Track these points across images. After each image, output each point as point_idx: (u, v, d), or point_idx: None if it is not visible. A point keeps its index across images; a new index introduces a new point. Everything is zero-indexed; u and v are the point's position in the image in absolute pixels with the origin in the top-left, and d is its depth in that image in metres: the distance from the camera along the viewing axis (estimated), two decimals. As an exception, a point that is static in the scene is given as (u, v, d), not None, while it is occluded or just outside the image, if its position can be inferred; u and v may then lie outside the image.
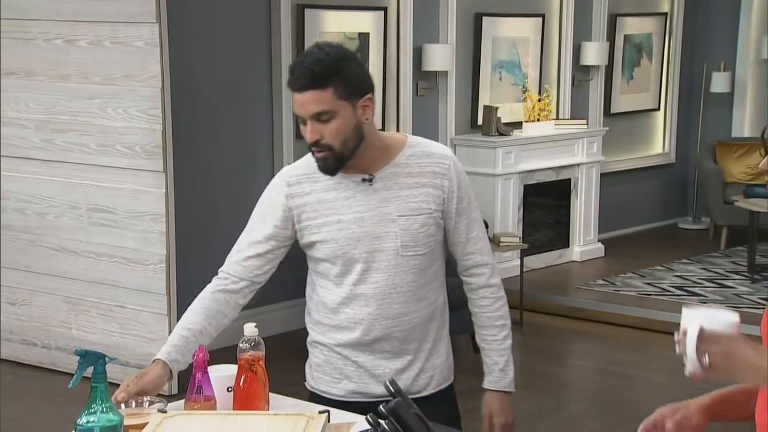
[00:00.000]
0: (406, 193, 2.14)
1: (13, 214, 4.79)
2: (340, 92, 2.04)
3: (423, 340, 2.24)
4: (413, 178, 2.15)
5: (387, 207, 2.14)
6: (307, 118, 2.06)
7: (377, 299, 2.16)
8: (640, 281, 6.42)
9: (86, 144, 4.50)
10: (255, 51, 5.33)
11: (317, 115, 2.05)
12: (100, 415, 1.79)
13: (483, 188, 6.31)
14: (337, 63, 2.04)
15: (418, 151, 2.18)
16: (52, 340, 4.75)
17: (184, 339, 2.14)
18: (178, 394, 4.23)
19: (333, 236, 2.15)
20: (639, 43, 7.69)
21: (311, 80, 2.02)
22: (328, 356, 2.25)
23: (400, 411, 1.68)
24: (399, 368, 2.22)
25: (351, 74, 2.07)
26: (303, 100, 2.05)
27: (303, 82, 2.03)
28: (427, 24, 6.14)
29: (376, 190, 2.14)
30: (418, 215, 2.15)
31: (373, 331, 2.18)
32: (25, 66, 4.61)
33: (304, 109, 2.06)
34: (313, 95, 2.03)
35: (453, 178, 2.17)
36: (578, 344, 5.53)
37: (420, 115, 6.13)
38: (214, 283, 2.24)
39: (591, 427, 4.25)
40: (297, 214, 2.18)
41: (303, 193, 2.18)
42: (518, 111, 6.67)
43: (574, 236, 6.95)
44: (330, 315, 2.22)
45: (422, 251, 2.17)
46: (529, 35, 6.78)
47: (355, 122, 2.08)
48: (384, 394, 2.20)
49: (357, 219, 2.14)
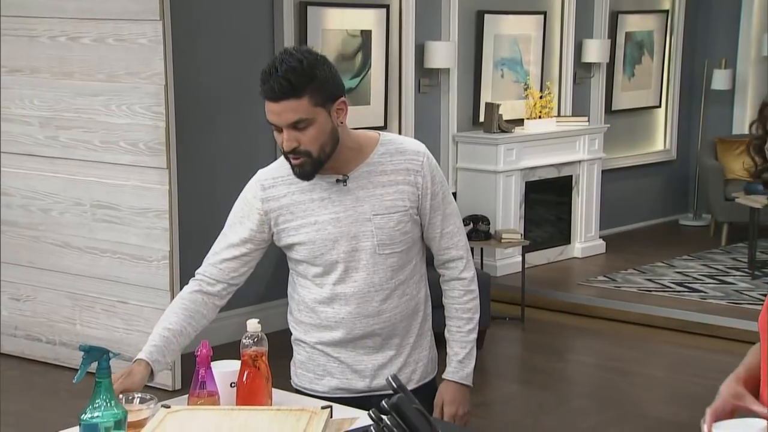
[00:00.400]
0: (381, 192, 2.15)
1: (18, 210, 4.82)
2: (315, 99, 2.03)
3: (405, 335, 2.24)
4: (387, 176, 2.15)
5: (362, 206, 2.14)
6: (284, 127, 2.05)
7: (357, 298, 2.17)
8: (641, 277, 6.44)
9: (90, 141, 4.52)
10: (258, 48, 5.34)
11: (294, 124, 2.03)
12: (104, 410, 1.81)
13: (484, 185, 6.33)
14: (312, 69, 2.02)
15: (391, 149, 2.18)
16: (56, 335, 4.78)
17: (164, 339, 2.15)
18: (181, 390, 4.26)
19: (310, 238, 2.16)
20: (640, 41, 7.70)
21: (287, 89, 2.00)
22: (311, 353, 2.26)
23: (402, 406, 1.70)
24: (381, 363, 2.23)
25: (324, 80, 2.04)
26: (279, 110, 2.03)
27: (279, 91, 2.01)
28: (429, 21, 6.15)
29: (350, 190, 2.15)
30: (394, 213, 2.15)
31: (355, 329, 2.19)
32: (30, 63, 4.63)
33: (280, 119, 2.04)
34: (289, 104, 2.02)
35: (426, 174, 2.17)
36: (579, 340, 5.54)
37: (422, 112, 6.14)
38: (191, 284, 2.25)
39: (592, 422, 4.27)
40: (273, 217, 2.18)
41: (278, 196, 2.18)
42: (520, 108, 6.69)
43: (576, 233, 6.97)
44: (311, 314, 2.24)
45: (399, 248, 2.17)
46: (531, 32, 6.79)
47: (331, 126, 2.07)
48: (366, 389, 2.23)
49: (333, 219, 2.14)
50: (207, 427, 1.86)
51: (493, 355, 5.23)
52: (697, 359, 5.08)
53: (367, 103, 5.83)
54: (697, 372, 4.85)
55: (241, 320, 2.18)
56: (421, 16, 6.04)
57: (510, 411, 4.47)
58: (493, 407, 4.51)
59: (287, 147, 2.07)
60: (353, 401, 2.17)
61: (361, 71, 5.79)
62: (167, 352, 2.15)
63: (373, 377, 2.24)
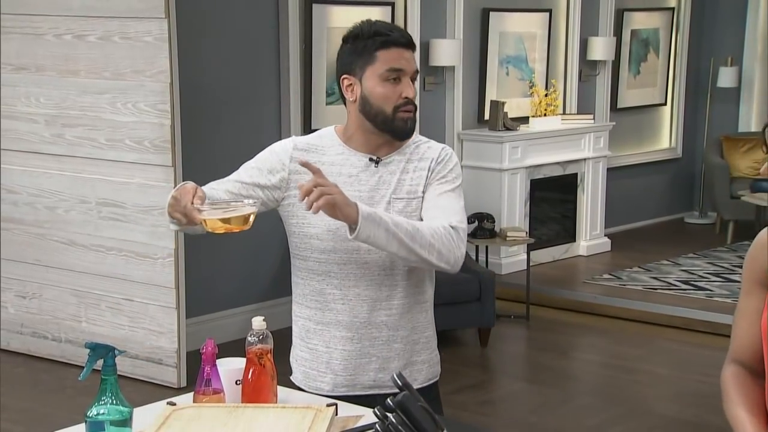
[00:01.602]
0: (404, 177, 2.19)
1: (24, 207, 4.83)
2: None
3: (412, 331, 2.23)
4: (413, 163, 2.20)
5: (384, 189, 2.17)
6: (409, 74, 2.15)
7: (365, 280, 2.16)
8: (646, 275, 6.44)
9: (96, 139, 4.53)
10: (263, 46, 5.35)
11: (416, 74, 2.17)
12: (110, 407, 1.81)
13: (489, 183, 6.33)
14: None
15: (422, 143, 2.24)
16: (62, 332, 4.79)
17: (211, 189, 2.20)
18: (186, 387, 4.27)
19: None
20: (646, 38, 7.69)
21: (410, 40, 2.16)
22: (314, 348, 2.24)
23: (408, 404, 1.70)
24: (386, 356, 2.21)
25: None
26: (409, 57, 2.15)
27: (407, 38, 2.16)
28: (434, 19, 6.15)
29: (379, 172, 2.18)
30: (413, 199, 2.17)
31: (361, 312, 2.18)
32: (36, 61, 4.64)
33: (409, 65, 2.15)
34: (411, 54, 2.16)
35: (443, 161, 2.20)
36: (584, 338, 5.54)
37: (427, 109, 6.14)
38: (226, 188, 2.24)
39: (596, 419, 4.27)
40: (295, 179, 2.15)
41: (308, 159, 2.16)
42: (525, 106, 6.68)
43: (581, 231, 6.96)
44: (317, 297, 2.21)
45: None
46: (536, 30, 6.78)
47: None
48: (371, 383, 2.21)
49: (354, 198, 2.07)
50: (212, 424, 1.86)
51: (498, 352, 5.23)
52: (702, 357, 5.08)
53: (372, 100, 5.83)
54: (702, 370, 4.84)
55: (246, 318, 2.18)
56: (426, 13, 6.04)
57: (515, 408, 4.47)
58: (498, 405, 4.52)
59: (412, 93, 2.15)
60: (356, 399, 2.16)
61: (367, 69, 5.79)
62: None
63: (378, 370, 2.21)
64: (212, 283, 5.12)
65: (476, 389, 4.54)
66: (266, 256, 5.30)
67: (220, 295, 5.18)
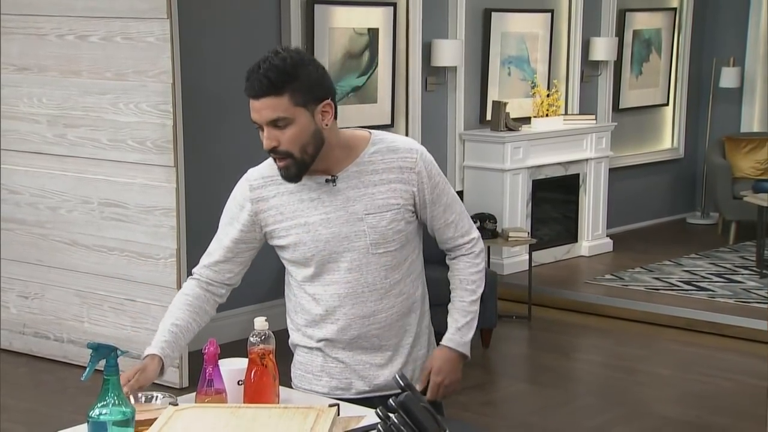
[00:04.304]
0: (373, 191, 2.12)
1: (26, 208, 4.83)
2: (296, 99, 2.01)
3: (403, 335, 2.22)
4: (379, 174, 2.13)
5: (353, 206, 2.12)
6: (264, 125, 2.04)
7: (351, 298, 2.16)
8: (648, 276, 6.43)
9: (98, 139, 4.53)
10: (265, 46, 5.29)
11: (273, 122, 2.02)
12: (113, 407, 1.81)
13: (491, 183, 6.33)
14: (294, 69, 2.01)
15: (383, 148, 2.15)
16: (64, 333, 4.79)
17: (173, 335, 2.16)
18: (188, 387, 4.27)
19: (301, 239, 2.14)
20: (648, 39, 7.68)
21: (267, 87, 2.00)
22: (308, 354, 2.25)
23: (409, 404, 1.70)
24: (380, 363, 2.21)
25: (307, 80, 2.03)
26: (259, 107, 2.03)
27: (259, 88, 2.01)
28: (436, 19, 6.15)
29: (340, 190, 2.12)
30: (386, 212, 2.13)
31: (350, 329, 2.18)
32: (38, 61, 4.65)
33: (260, 116, 2.03)
34: (269, 102, 2.01)
35: (421, 170, 2.15)
36: (586, 338, 5.54)
37: (429, 110, 6.14)
38: (191, 281, 2.26)
39: (599, 420, 4.27)
40: (263, 218, 2.17)
41: (268, 197, 2.16)
42: (527, 106, 6.68)
43: (583, 231, 6.96)
44: (306, 314, 2.23)
45: (393, 247, 2.15)
46: (538, 31, 6.78)
47: (314, 128, 2.05)
48: (366, 390, 2.21)
49: (323, 221, 2.12)
50: (214, 424, 1.86)
51: (500, 353, 5.23)
52: (705, 358, 5.07)
53: (374, 101, 5.83)
54: (705, 371, 4.84)
55: (249, 318, 2.18)
56: (428, 14, 6.04)
57: (517, 409, 4.47)
58: (500, 406, 4.51)
59: (266, 145, 2.05)
60: (353, 402, 2.15)
61: (368, 69, 5.80)
62: (176, 348, 2.16)
63: (373, 378, 2.22)
64: (214, 284, 5.12)
65: (478, 390, 4.54)
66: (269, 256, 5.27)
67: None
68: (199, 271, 2.26)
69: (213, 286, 2.25)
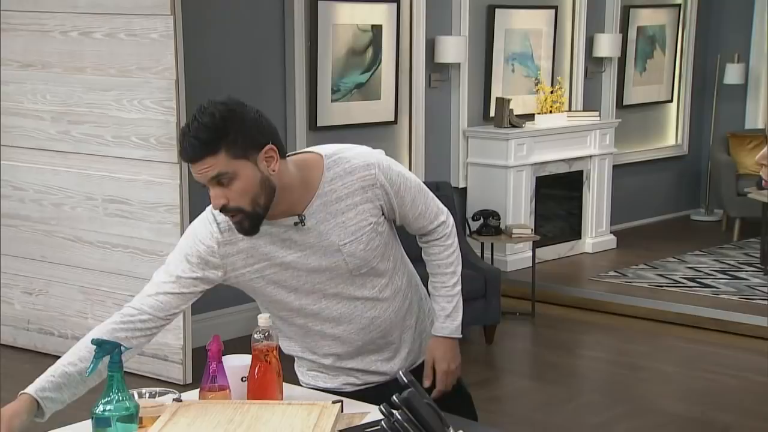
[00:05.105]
0: (342, 219, 2.06)
1: (30, 204, 4.84)
2: (234, 152, 1.91)
3: (402, 323, 2.23)
4: (344, 201, 2.06)
5: (328, 239, 2.06)
6: (208, 185, 1.94)
7: (346, 317, 2.15)
8: (652, 273, 6.42)
9: (102, 135, 4.54)
10: (269, 43, 5.35)
11: (216, 179, 1.92)
12: (117, 403, 1.82)
13: (495, 180, 6.32)
14: (224, 123, 1.90)
15: (339, 171, 2.05)
16: (68, 329, 4.80)
17: (66, 376, 1.97)
18: (192, 384, 4.28)
19: (278, 277, 2.08)
20: (652, 35, 7.67)
21: (200, 149, 1.90)
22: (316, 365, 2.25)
23: (413, 401, 1.70)
24: (388, 357, 2.23)
25: (241, 131, 1.91)
26: (198, 169, 1.93)
27: (192, 153, 1.91)
28: (439, 16, 6.14)
29: (310, 228, 2.05)
30: (361, 235, 2.08)
31: (354, 342, 2.18)
32: (42, 58, 4.65)
33: (202, 177, 1.94)
34: (206, 162, 1.91)
35: (383, 182, 2.08)
36: (590, 335, 5.53)
37: (432, 107, 6.14)
38: (117, 317, 2.03)
39: (603, 417, 4.26)
40: (231, 262, 2.06)
41: (236, 240, 2.04)
42: (531, 103, 6.68)
43: (587, 228, 6.95)
44: (304, 340, 2.20)
45: (375, 263, 2.12)
46: (542, 27, 6.77)
47: (260, 177, 1.94)
48: (383, 379, 2.22)
49: (300, 258, 2.06)
50: (218, 421, 1.87)
51: (504, 350, 5.23)
52: (709, 355, 5.07)
53: (377, 98, 5.83)
54: (709, 368, 4.83)
55: (252, 315, 2.18)
56: (431, 10, 6.03)
57: (520, 406, 4.47)
58: (504, 402, 4.51)
59: (215, 205, 1.95)
60: (367, 392, 2.19)
61: (372, 66, 5.79)
62: (65, 390, 1.98)
63: (387, 371, 2.23)
64: (218, 280, 5.12)
65: (481, 386, 4.54)
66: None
67: (226, 292, 5.13)
68: (138, 302, 2.05)
69: (144, 320, 2.03)
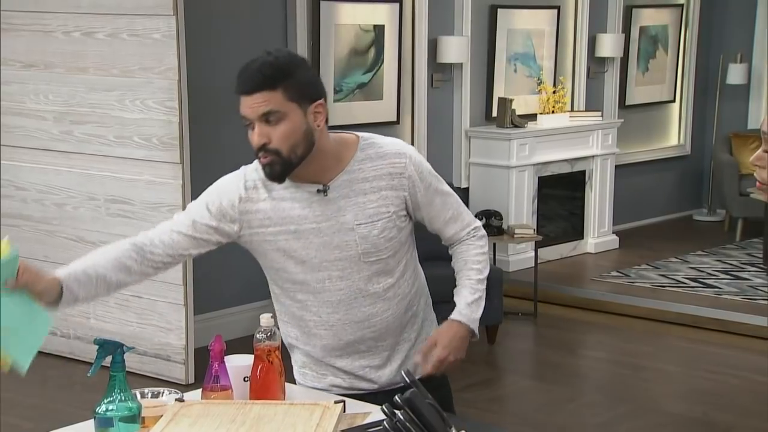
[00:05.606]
0: (363, 200, 2.08)
1: (33, 204, 4.84)
2: (290, 94, 1.98)
3: (400, 333, 2.20)
4: (369, 182, 2.09)
5: (344, 216, 2.08)
6: (255, 120, 2.00)
7: (344, 305, 2.12)
8: (654, 273, 6.42)
9: (104, 135, 4.54)
10: (271, 43, 5.34)
11: (265, 116, 1.98)
12: (119, 403, 1.82)
13: (497, 180, 6.32)
14: (288, 66, 2.00)
15: (372, 153, 2.10)
16: (71, 329, 4.80)
17: (86, 275, 2.10)
18: (194, 384, 4.28)
19: (290, 245, 2.10)
20: (655, 35, 7.67)
21: (260, 82, 1.97)
22: (307, 359, 2.23)
23: (415, 401, 1.70)
24: (378, 365, 2.19)
25: (301, 78, 2.02)
26: (252, 102, 1.99)
27: (252, 83, 1.98)
28: (442, 16, 6.14)
29: (331, 199, 2.08)
30: (377, 221, 2.09)
31: (345, 335, 2.15)
32: (44, 58, 4.65)
33: (252, 111, 1.99)
34: (263, 96, 1.98)
35: (412, 173, 2.11)
36: (592, 335, 5.53)
37: (434, 107, 6.14)
38: (127, 243, 2.16)
39: (604, 417, 4.26)
40: (247, 219, 2.11)
41: (258, 199, 2.11)
42: (533, 103, 6.67)
43: (589, 228, 6.95)
44: (299, 323, 2.19)
45: (385, 255, 2.11)
46: (544, 27, 6.77)
47: (305, 127, 2.01)
48: (370, 388, 2.19)
49: (314, 229, 2.08)
50: (220, 421, 1.87)
51: (506, 350, 5.23)
52: (711, 355, 5.07)
53: (379, 98, 5.83)
54: (711, 368, 4.83)
55: (255, 315, 2.19)
56: (433, 10, 6.03)
57: (523, 406, 4.47)
58: (506, 402, 4.51)
59: (257, 142, 2.01)
60: (360, 398, 2.15)
61: (374, 66, 5.79)
62: (80, 288, 2.10)
63: (375, 379, 2.20)
64: (220, 280, 5.12)
65: (484, 386, 4.54)
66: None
67: (229, 292, 5.19)
68: (152, 234, 2.16)
69: (155, 252, 2.14)
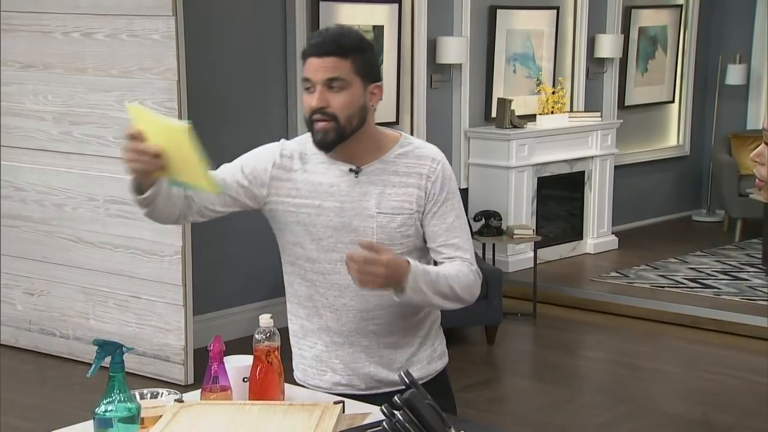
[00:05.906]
0: (390, 191, 2.12)
1: (32, 205, 4.84)
2: (357, 66, 2.06)
3: (404, 335, 2.19)
4: (399, 177, 2.13)
5: (368, 201, 2.12)
6: (319, 84, 2.05)
7: (351, 290, 2.13)
8: (653, 273, 6.42)
9: (103, 136, 4.54)
10: (270, 43, 5.35)
11: (330, 81, 2.05)
12: (118, 404, 1.82)
13: (496, 181, 6.33)
14: (361, 42, 2.10)
15: (409, 151, 2.16)
16: (70, 330, 4.81)
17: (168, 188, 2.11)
18: (194, 384, 4.28)
19: (311, 220, 2.14)
20: (654, 36, 7.67)
21: (335, 47, 2.05)
22: (313, 347, 2.24)
23: (415, 401, 1.70)
24: (379, 362, 2.19)
25: (369, 57, 2.11)
26: (321, 65, 2.05)
27: (327, 47, 2.05)
28: (441, 16, 6.15)
29: (360, 182, 2.13)
30: (398, 214, 2.12)
31: (348, 321, 2.16)
32: (44, 59, 4.65)
33: (319, 74, 2.05)
34: (333, 61, 2.04)
35: (437, 181, 2.13)
36: (591, 336, 5.54)
37: (434, 107, 6.14)
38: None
39: (604, 417, 4.27)
40: (276, 186, 2.16)
41: (291, 168, 2.16)
42: (532, 103, 6.68)
43: (588, 228, 6.96)
44: (306, 302, 2.21)
45: (399, 250, 2.10)
46: (544, 28, 6.77)
47: (362, 103, 2.09)
48: (368, 389, 2.19)
49: (337, 208, 2.12)
50: (220, 421, 1.87)
51: (505, 350, 5.23)
52: (710, 355, 5.07)
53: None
54: (710, 368, 4.83)
55: (254, 315, 2.19)
56: (433, 11, 6.03)
57: (522, 406, 4.47)
58: (505, 403, 4.52)
59: (317, 103, 2.04)
60: (356, 399, 2.15)
61: (374, 66, 5.79)
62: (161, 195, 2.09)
63: (374, 374, 2.20)
64: (219, 281, 5.12)
65: (483, 387, 4.54)
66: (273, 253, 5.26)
67: (228, 293, 5.19)
68: None
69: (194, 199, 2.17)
